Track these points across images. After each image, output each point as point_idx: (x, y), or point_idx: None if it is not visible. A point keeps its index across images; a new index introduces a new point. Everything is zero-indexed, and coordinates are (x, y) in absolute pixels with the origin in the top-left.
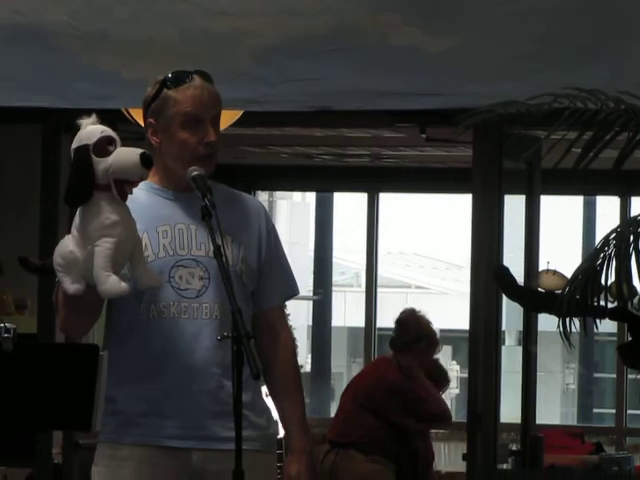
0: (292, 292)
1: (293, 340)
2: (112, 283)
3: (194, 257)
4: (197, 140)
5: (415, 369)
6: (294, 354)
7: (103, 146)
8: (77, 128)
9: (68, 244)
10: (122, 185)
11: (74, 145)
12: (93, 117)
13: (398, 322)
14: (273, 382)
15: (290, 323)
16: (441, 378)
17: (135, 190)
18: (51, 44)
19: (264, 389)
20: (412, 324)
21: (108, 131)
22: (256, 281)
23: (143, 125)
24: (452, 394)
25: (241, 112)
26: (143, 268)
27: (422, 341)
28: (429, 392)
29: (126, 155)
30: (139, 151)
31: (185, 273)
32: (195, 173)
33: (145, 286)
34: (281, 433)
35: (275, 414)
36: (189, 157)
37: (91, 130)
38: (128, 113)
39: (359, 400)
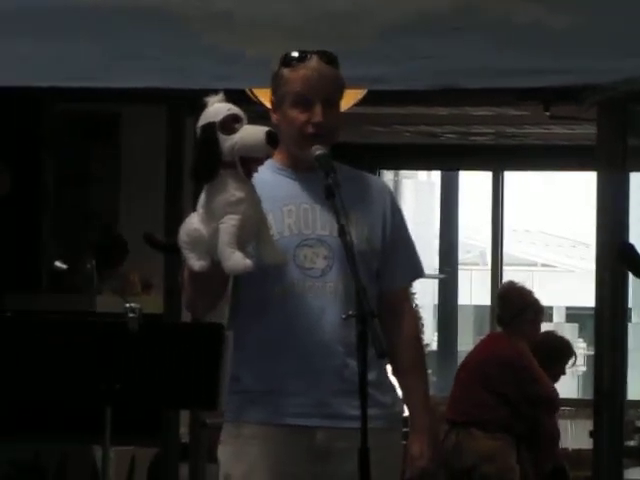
0: (417, 274)
1: (417, 320)
2: (237, 259)
3: (318, 237)
4: (305, 119)
5: (525, 347)
6: (418, 333)
7: (229, 124)
8: (204, 106)
9: (193, 222)
10: (248, 163)
11: (200, 123)
12: (220, 95)
13: (500, 297)
14: (396, 361)
15: (416, 302)
16: (564, 351)
17: (260, 169)
18: (175, 24)
19: (389, 367)
20: (515, 297)
21: (235, 109)
22: (380, 261)
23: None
24: (579, 371)
25: (365, 91)
26: (270, 245)
27: (528, 311)
28: (541, 374)
29: (252, 133)
30: (265, 129)
31: (309, 252)
32: (319, 152)
33: (271, 263)
34: (406, 412)
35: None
36: (297, 136)
37: (218, 108)
38: (252, 93)
39: (474, 377)
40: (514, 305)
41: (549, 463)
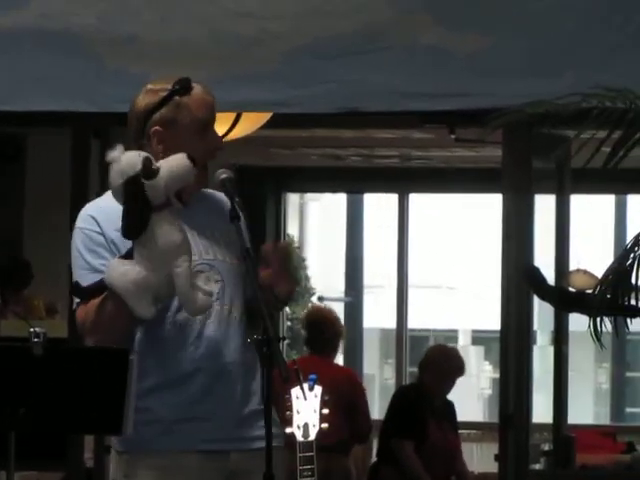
0: None
1: None
2: (203, 299)
3: (206, 261)
4: (206, 146)
5: None
6: None
7: (150, 167)
8: (107, 165)
9: (138, 270)
10: (181, 193)
11: (119, 181)
12: (119, 147)
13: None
14: None
15: None
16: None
17: None
18: (80, 48)
19: None
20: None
21: (143, 152)
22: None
23: (134, 133)
24: (485, 394)
25: (270, 114)
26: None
27: None
28: None
29: (176, 164)
30: (181, 154)
31: (203, 277)
32: (224, 176)
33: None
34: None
35: None
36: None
37: (130, 158)
38: None
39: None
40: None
41: None
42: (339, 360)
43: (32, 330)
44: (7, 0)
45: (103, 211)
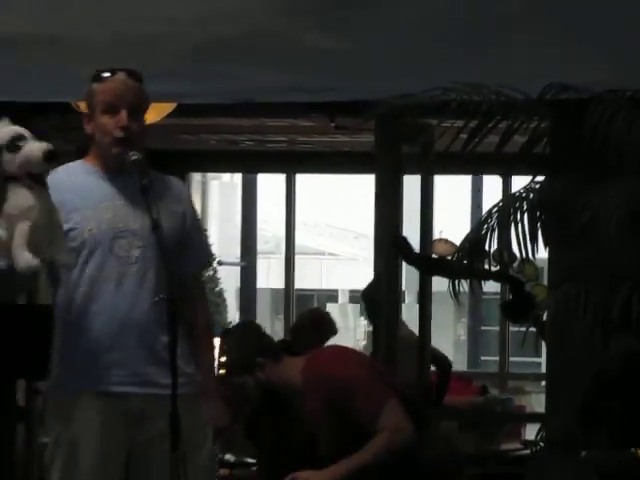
0: (206, 263)
1: (208, 308)
2: (25, 259)
3: (132, 230)
4: (113, 124)
5: None
6: (207, 312)
7: (14, 143)
8: None
9: None
10: (34, 175)
11: None
12: (5, 120)
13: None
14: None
15: (221, 286)
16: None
17: (73, 172)
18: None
19: None
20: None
21: (17, 130)
22: (181, 249)
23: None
24: (360, 345)
25: (175, 104)
26: (62, 247)
27: None
28: None
29: (32, 150)
30: (44, 148)
31: (124, 243)
32: (134, 157)
33: (63, 263)
34: None
35: None
36: (108, 140)
37: (3, 132)
38: (77, 106)
39: None
40: None
41: None
42: (235, 316)
43: None
44: None
45: None
